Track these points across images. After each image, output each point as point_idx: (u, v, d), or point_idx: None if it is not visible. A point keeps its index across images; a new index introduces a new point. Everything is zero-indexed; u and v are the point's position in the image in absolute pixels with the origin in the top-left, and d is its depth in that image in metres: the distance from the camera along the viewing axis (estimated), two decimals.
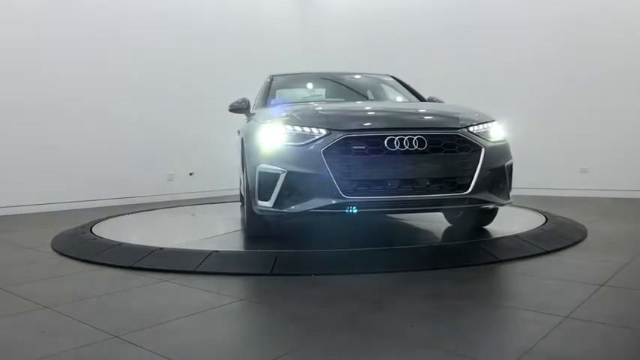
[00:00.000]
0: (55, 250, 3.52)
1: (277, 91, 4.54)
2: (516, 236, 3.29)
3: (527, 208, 4.85)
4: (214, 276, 2.72)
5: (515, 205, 5.16)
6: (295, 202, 2.93)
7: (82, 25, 6.49)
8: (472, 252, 2.95)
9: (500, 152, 3.19)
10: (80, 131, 6.42)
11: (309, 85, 4.77)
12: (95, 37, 6.60)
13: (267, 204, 3.03)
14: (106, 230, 4.01)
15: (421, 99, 4.24)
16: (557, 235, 3.46)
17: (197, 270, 2.80)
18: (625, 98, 6.39)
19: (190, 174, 7.52)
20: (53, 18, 6.25)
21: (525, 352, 1.58)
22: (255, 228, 3.49)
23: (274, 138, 3.06)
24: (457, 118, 3.16)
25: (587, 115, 6.66)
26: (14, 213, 5.84)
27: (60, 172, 6.22)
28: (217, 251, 3.05)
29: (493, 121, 3.32)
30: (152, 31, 7.20)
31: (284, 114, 3.31)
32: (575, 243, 3.37)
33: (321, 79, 4.79)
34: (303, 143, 2.95)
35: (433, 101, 4.10)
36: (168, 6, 7.44)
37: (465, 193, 2.93)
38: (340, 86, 4.66)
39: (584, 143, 6.69)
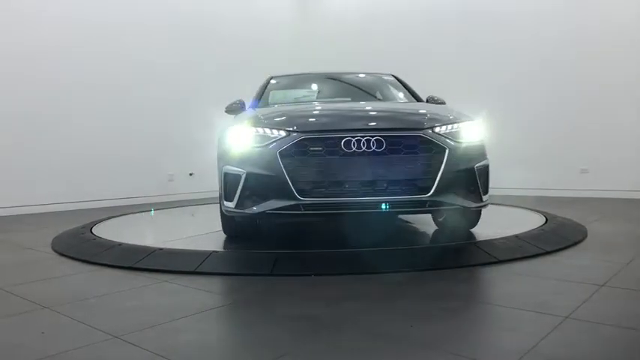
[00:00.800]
0: (55, 251, 3.52)
1: (271, 93, 4.55)
2: (516, 237, 3.29)
3: (528, 209, 4.85)
4: (214, 276, 2.72)
5: (516, 206, 5.17)
6: (255, 203, 2.97)
7: (83, 30, 6.49)
8: (472, 252, 2.95)
9: (471, 153, 3.07)
10: (80, 132, 6.42)
11: (303, 86, 4.72)
12: (98, 42, 6.60)
13: (231, 205, 3.08)
14: (106, 231, 4.01)
15: (418, 98, 4.21)
16: (558, 236, 3.45)
17: (197, 270, 2.79)
18: (625, 98, 6.39)
19: (190, 174, 7.52)
20: (54, 23, 6.25)
21: (525, 353, 1.58)
22: (228, 228, 3.54)
23: (238, 140, 3.11)
24: (423, 119, 3.11)
25: (587, 116, 6.66)
26: (14, 213, 5.84)
27: (60, 172, 6.21)
28: (217, 252, 3.05)
29: (467, 121, 3.20)
30: (153, 34, 7.20)
31: (251, 116, 3.34)
32: (576, 243, 3.37)
33: (319, 79, 4.74)
34: (262, 145, 2.99)
35: (434, 100, 4.06)
36: (169, 9, 7.43)
37: (426, 195, 2.85)
38: (335, 86, 4.61)
39: (585, 143, 6.68)
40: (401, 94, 4.34)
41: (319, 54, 8.84)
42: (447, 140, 2.97)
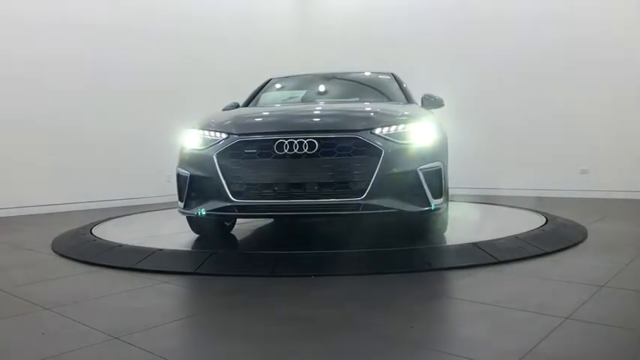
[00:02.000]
0: (56, 252, 3.52)
1: (263, 95, 4.62)
2: (516, 237, 3.29)
3: (528, 209, 4.85)
4: (214, 277, 2.72)
5: (516, 206, 5.16)
6: (198, 205, 3.07)
7: (86, 32, 6.49)
8: (472, 253, 2.95)
9: (414, 155, 2.93)
10: (80, 133, 6.42)
11: (293, 88, 4.71)
12: (100, 44, 6.60)
13: (181, 205, 3.23)
14: (106, 232, 4.01)
15: (408, 97, 4.15)
16: (558, 236, 3.46)
17: (197, 271, 2.79)
18: (625, 99, 6.39)
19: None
20: (55, 27, 6.25)
21: (526, 353, 1.58)
22: (193, 227, 3.63)
23: (188, 142, 3.23)
24: (364, 121, 3.01)
25: (587, 116, 6.66)
26: (13, 215, 5.83)
27: (60, 173, 6.21)
28: (217, 252, 3.05)
29: (417, 122, 3.08)
30: (154, 36, 7.20)
31: (205, 118, 3.42)
32: (576, 244, 3.37)
33: (314, 80, 4.72)
34: (204, 147, 3.07)
35: (429, 98, 3.99)
36: (169, 10, 7.44)
37: (359, 199, 2.79)
38: (327, 87, 4.58)
39: (585, 144, 6.69)
40: (392, 93, 4.25)
41: (320, 54, 8.85)
42: (387, 142, 2.87)
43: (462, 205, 5.45)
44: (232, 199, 2.90)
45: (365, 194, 2.78)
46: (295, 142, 2.84)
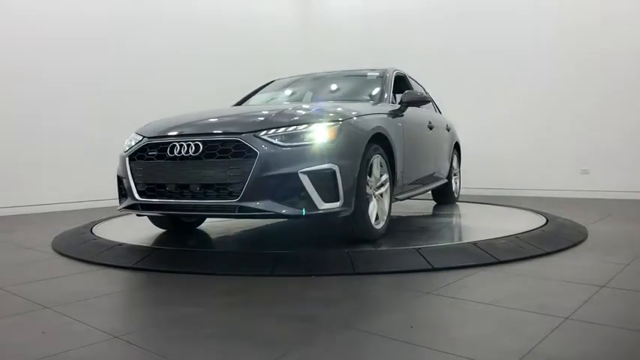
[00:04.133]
0: (56, 251, 3.52)
1: (256, 96, 4.69)
2: (517, 237, 3.29)
3: (528, 210, 4.85)
4: (214, 276, 2.72)
5: (516, 206, 5.17)
6: (121, 202, 3.37)
7: (87, 28, 6.49)
8: (472, 253, 2.95)
9: (297, 157, 2.86)
10: (80, 132, 6.42)
11: (284, 89, 4.72)
12: (101, 41, 6.61)
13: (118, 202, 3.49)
14: (106, 231, 4.01)
15: (381, 97, 4.05)
16: (558, 237, 3.46)
17: (197, 271, 2.80)
18: (626, 99, 6.39)
19: None
20: (57, 20, 6.25)
21: (526, 354, 1.58)
22: (155, 222, 3.88)
23: (126, 144, 3.41)
24: (252, 123, 3.01)
25: (587, 116, 6.67)
26: (14, 213, 5.84)
27: (60, 172, 6.22)
28: (217, 252, 3.05)
29: (312, 123, 2.98)
30: (154, 35, 7.21)
31: (148, 122, 3.58)
32: (576, 244, 3.37)
33: (309, 81, 4.72)
34: (126, 149, 3.33)
35: (411, 95, 3.96)
36: (169, 8, 7.44)
37: (235, 200, 2.83)
38: (318, 88, 4.57)
39: (585, 144, 6.69)
40: (371, 91, 4.18)
41: (322, 54, 8.85)
42: (267, 144, 2.85)
43: (463, 205, 5.45)
44: (137, 197, 3.14)
45: (240, 196, 2.81)
46: (184, 144, 3.00)
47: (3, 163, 5.83)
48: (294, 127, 2.95)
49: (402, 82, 4.62)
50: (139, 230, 4.03)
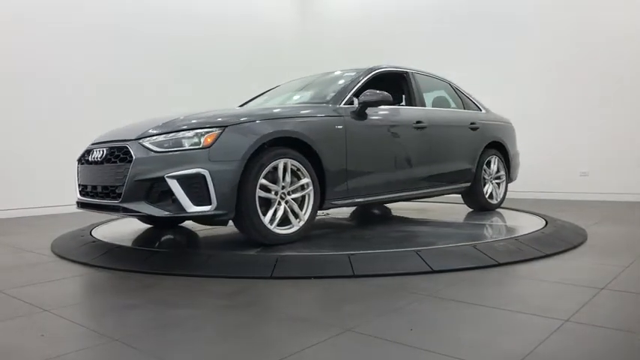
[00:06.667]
0: (55, 253, 3.52)
1: (257, 99, 4.68)
2: (516, 239, 3.29)
3: (527, 212, 4.85)
4: (214, 279, 2.72)
5: (515, 209, 5.17)
6: None
7: (84, 27, 6.51)
8: (472, 255, 2.95)
9: (167, 162, 2.97)
10: (80, 134, 6.41)
11: (273, 94, 4.73)
12: (100, 42, 6.63)
13: None
14: (105, 233, 4.01)
15: (337, 98, 3.97)
16: (557, 239, 3.46)
17: (196, 273, 2.79)
18: (626, 101, 6.40)
19: None
20: (57, 23, 6.26)
21: (525, 356, 1.58)
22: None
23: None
24: (140, 131, 3.19)
25: (587, 119, 6.67)
26: (13, 216, 5.84)
27: (59, 174, 6.21)
28: (216, 254, 3.05)
29: (189, 130, 3.07)
30: (155, 35, 7.22)
31: None
32: (575, 246, 3.37)
33: (294, 86, 4.70)
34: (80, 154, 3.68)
35: (370, 95, 3.82)
36: (169, 11, 7.46)
37: (117, 202, 3.08)
38: (296, 91, 4.54)
39: (585, 146, 6.70)
40: (338, 92, 4.00)
41: (323, 54, 8.87)
42: (143, 150, 3.04)
43: (461, 208, 5.45)
44: (78, 196, 3.56)
45: (121, 198, 3.05)
46: (96, 151, 3.37)
47: (2, 165, 5.83)
48: (174, 133, 3.09)
49: (398, 81, 4.52)
50: (138, 232, 4.03)
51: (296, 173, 3.37)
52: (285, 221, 3.32)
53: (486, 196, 5.05)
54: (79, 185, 3.57)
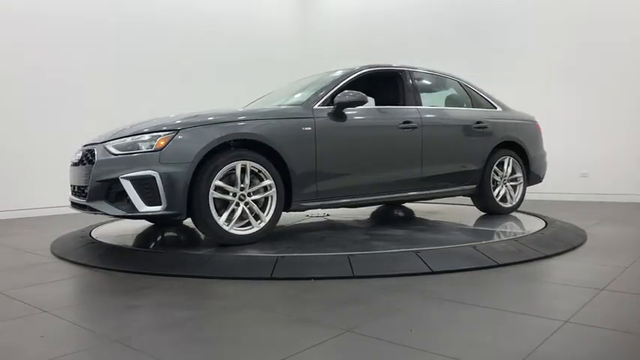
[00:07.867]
0: (55, 254, 3.52)
1: (257, 101, 4.69)
2: (516, 240, 3.29)
3: (527, 213, 4.85)
4: (213, 280, 2.72)
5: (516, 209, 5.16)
6: None
7: (84, 28, 6.51)
8: (471, 256, 2.95)
9: (121, 164, 3.13)
10: (80, 135, 6.42)
11: (269, 95, 4.71)
12: (99, 44, 6.63)
13: None
14: (104, 234, 4.00)
15: (312, 99, 3.88)
16: (557, 240, 3.46)
17: (196, 274, 2.79)
18: (625, 103, 6.40)
19: None
20: (61, 21, 6.27)
21: (525, 357, 1.58)
22: None
23: None
24: (109, 135, 3.40)
25: (587, 120, 6.67)
26: (13, 217, 5.83)
27: (59, 176, 6.20)
28: (216, 254, 3.05)
29: (146, 134, 3.20)
30: (155, 36, 7.23)
31: None
32: (575, 247, 3.37)
33: (290, 85, 4.71)
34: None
35: (345, 96, 3.74)
36: (169, 11, 7.46)
37: (84, 201, 3.30)
38: (284, 94, 4.48)
39: (584, 148, 6.70)
40: (312, 94, 3.96)
41: (325, 54, 8.87)
42: (104, 152, 3.25)
43: (461, 208, 5.45)
44: (70, 195, 3.67)
45: (86, 198, 3.25)
46: (78, 153, 3.57)
47: (2, 165, 5.83)
48: (133, 137, 3.24)
49: (393, 80, 4.40)
50: (137, 233, 4.03)
51: (258, 175, 3.37)
52: (249, 222, 3.37)
53: (497, 199, 4.73)
54: (70, 185, 3.74)
